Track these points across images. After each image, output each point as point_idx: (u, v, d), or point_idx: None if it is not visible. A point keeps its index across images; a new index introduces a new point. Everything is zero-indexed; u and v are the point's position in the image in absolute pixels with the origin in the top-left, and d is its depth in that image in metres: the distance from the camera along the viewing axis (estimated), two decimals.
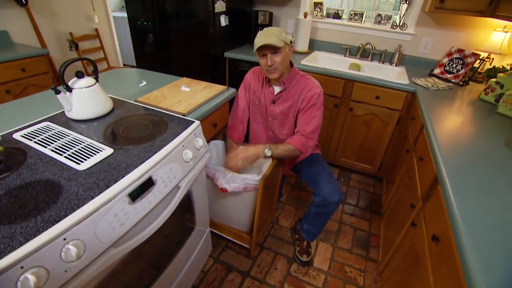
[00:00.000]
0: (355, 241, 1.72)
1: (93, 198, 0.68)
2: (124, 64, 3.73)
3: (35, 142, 0.88)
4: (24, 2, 2.28)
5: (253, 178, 1.23)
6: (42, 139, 0.90)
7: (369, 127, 2.03)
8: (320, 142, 2.24)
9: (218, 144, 1.55)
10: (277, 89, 1.35)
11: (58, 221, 0.61)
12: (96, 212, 0.67)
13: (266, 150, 1.26)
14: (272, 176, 1.32)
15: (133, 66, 2.69)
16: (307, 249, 1.56)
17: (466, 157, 1.00)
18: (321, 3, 2.39)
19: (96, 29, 3.09)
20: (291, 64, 1.34)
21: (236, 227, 1.52)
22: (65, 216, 0.63)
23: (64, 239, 0.60)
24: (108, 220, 0.70)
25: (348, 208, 1.98)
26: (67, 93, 1.01)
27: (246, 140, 1.61)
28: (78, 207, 0.65)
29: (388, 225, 1.55)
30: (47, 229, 0.59)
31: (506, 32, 1.85)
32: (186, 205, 1.13)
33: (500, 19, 1.67)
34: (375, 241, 1.72)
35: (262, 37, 1.18)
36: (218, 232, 1.58)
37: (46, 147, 0.85)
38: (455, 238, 0.70)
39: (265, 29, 1.22)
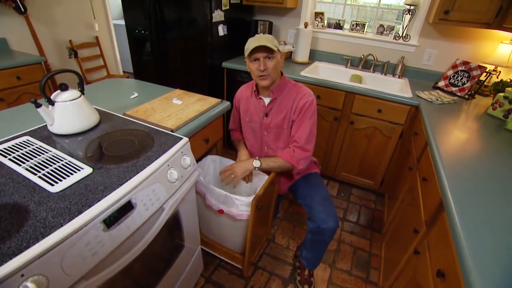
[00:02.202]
0: (355, 262, 1.63)
1: (62, 225, 0.62)
2: (124, 72, 3.72)
3: (9, 159, 0.82)
4: (23, 10, 2.27)
5: (246, 201, 1.15)
6: (18, 155, 0.84)
7: (370, 141, 1.96)
8: (320, 156, 2.16)
9: (216, 159, 1.48)
10: (267, 100, 1.30)
11: (17, 254, 0.55)
12: (64, 242, 0.61)
13: (254, 161, 1.24)
14: (266, 194, 1.25)
15: (132, 73, 2.66)
16: (309, 279, 1.43)
17: (474, 180, 0.93)
18: (322, 13, 2.35)
19: (96, 37, 3.08)
20: (281, 73, 1.31)
21: (228, 247, 1.44)
22: (27, 247, 0.57)
23: (22, 275, 0.54)
24: (78, 250, 0.64)
25: (348, 226, 1.89)
26: (50, 106, 0.96)
27: None
28: (43, 236, 0.59)
29: (390, 246, 1.47)
30: (2, 264, 0.52)
31: None
32: (173, 225, 1.07)
33: (507, 31, 1.61)
34: (375, 262, 1.63)
35: (255, 41, 1.14)
36: (209, 251, 1.50)
37: (20, 165, 0.80)
38: (464, 278, 0.62)
39: (257, 35, 1.19)
